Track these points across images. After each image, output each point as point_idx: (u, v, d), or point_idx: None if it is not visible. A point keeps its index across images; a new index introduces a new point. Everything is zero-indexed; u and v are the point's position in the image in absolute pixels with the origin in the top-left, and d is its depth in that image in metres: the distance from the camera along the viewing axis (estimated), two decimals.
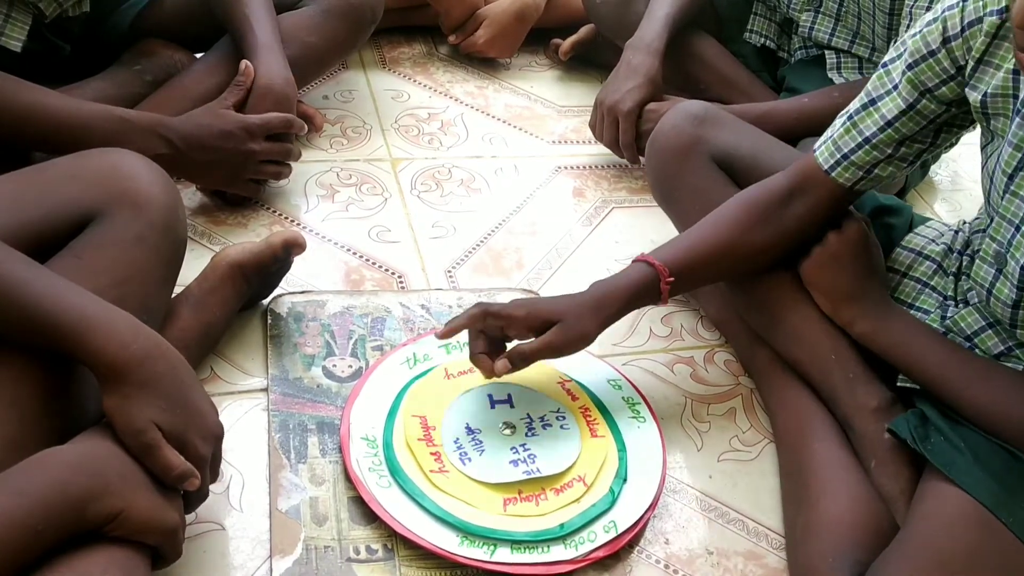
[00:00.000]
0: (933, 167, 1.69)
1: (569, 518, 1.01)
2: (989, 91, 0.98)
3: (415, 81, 1.76)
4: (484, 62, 1.83)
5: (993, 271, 1.02)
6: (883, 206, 1.21)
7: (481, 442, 1.06)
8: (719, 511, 1.09)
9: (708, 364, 1.28)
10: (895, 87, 1.04)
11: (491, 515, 1.00)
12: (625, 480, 1.06)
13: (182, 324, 1.08)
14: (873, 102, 1.06)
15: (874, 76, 1.07)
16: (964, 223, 1.18)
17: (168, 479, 0.83)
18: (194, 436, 0.85)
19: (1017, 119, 0.96)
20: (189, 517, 0.94)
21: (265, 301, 1.22)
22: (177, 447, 0.83)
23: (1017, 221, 0.97)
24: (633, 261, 1.12)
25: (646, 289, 1.09)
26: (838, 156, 1.08)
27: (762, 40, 1.62)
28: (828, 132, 1.11)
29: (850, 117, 1.08)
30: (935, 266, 1.15)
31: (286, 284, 1.24)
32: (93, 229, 0.94)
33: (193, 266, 1.14)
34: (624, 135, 1.51)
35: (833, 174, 1.09)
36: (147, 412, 0.82)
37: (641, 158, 1.47)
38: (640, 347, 1.28)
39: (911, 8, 1.27)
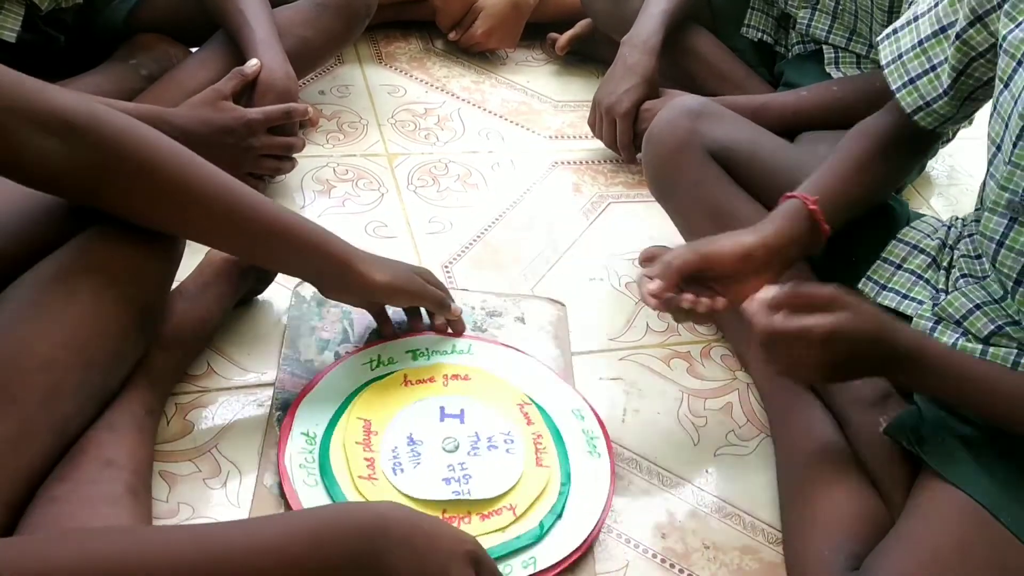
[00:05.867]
0: (930, 163, 1.69)
1: (489, 547, 0.93)
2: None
3: (411, 76, 1.75)
4: (480, 56, 1.83)
5: (1005, 222, 1.00)
6: None
7: (419, 454, 1.02)
8: (715, 506, 1.09)
9: (705, 359, 1.27)
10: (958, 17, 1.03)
11: None
12: (560, 516, 1.01)
13: (177, 319, 1.07)
14: (944, 29, 1.05)
15: (945, 1, 1.06)
16: (956, 219, 1.17)
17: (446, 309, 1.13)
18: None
19: None
20: (185, 511, 0.94)
21: (294, 286, 1.21)
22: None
23: None
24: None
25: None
26: (905, 79, 1.08)
27: (759, 35, 1.61)
28: (894, 49, 1.10)
29: (920, 42, 1.07)
30: (929, 259, 1.15)
31: (281, 279, 1.23)
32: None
33: (188, 262, 1.13)
34: (621, 136, 1.52)
35: (899, 96, 1.09)
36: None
37: (638, 155, 1.47)
38: (637, 342, 1.28)
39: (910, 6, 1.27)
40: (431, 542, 0.74)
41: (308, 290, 1.21)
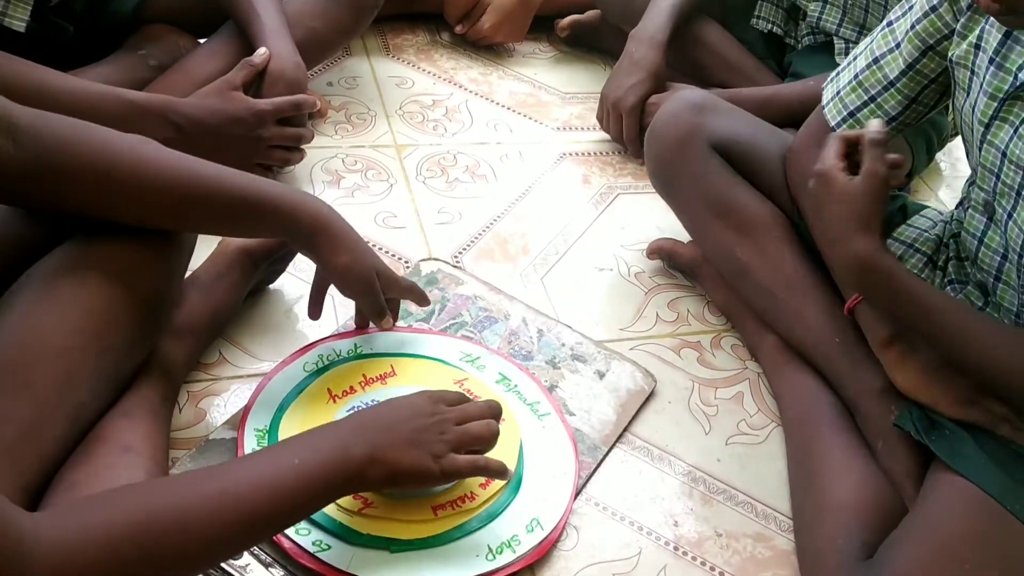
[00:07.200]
0: (938, 155, 1.69)
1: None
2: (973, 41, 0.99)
3: (419, 68, 1.75)
4: (488, 49, 1.83)
5: (984, 219, 1.03)
6: None
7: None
8: (727, 494, 1.09)
9: (715, 348, 1.28)
10: (898, 45, 1.06)
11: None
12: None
13: (190, 308, 1.08)
14: (876, 60, 1.08)
15: (878, 34, 1.09)
16: (952, 213, 1.17)
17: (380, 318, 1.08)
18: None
19: (992, 68, 0.96)
20: None
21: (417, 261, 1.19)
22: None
23: (996, 170, 0.98)
24: None
25: None
26: (844, 114, 1.11)
27: (769, 26, 1.61)
28: (834, 88, 1.13)
29: (856, 76, 1.10)
30: (926, 259, 1.15)
31: (293, 268, 1.24)
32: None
33: (201, 251, 1.13)
34: (627, 131, 1.52)
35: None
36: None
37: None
38: (647, 332, 1.28)
39: None
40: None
41: (426, 267, 1.28)
